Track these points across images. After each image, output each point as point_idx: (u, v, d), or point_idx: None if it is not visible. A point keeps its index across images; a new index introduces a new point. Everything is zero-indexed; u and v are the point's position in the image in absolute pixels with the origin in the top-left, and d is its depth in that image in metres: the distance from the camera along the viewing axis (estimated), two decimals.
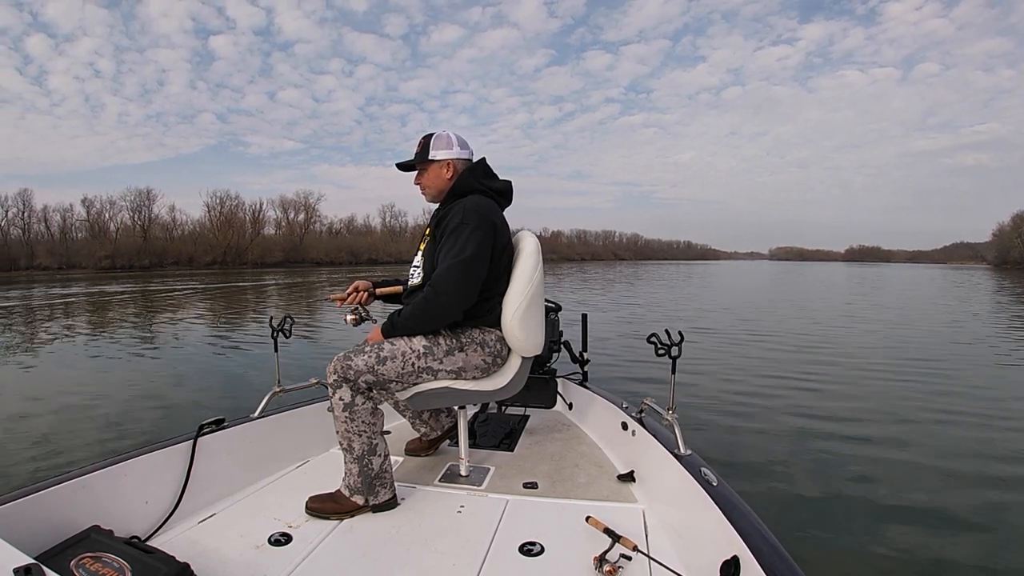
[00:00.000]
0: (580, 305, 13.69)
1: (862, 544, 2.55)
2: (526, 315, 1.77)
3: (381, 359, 1.70)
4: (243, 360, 7.07)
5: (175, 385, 5.67)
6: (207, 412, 1.95)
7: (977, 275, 46.97)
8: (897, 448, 3.81)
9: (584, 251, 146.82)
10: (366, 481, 1.71)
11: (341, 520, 1.67)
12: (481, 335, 1.79)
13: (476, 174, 1.84)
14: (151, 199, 64.69)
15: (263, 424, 2.03)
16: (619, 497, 1.81)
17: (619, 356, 7.04)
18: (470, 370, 1.79)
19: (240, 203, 71.25)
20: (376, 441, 1.74)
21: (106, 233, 60.91)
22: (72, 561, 1.22)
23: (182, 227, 68.23)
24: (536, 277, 1.80)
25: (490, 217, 1.74)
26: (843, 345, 8.43)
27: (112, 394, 5.22)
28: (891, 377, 6.14)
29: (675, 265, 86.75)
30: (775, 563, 1.11)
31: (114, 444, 3.78)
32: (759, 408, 4.74)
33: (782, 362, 6.92)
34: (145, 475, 1.61)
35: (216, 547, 1.51)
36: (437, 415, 2.21)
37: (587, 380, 2.73)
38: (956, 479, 3.30)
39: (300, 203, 78.33)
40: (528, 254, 1.82)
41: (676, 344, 1.72)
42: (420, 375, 1.75)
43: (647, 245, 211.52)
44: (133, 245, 58.75)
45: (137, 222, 63.48)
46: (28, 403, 4.94)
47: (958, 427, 4.31)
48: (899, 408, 4.82)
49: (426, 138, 1.87)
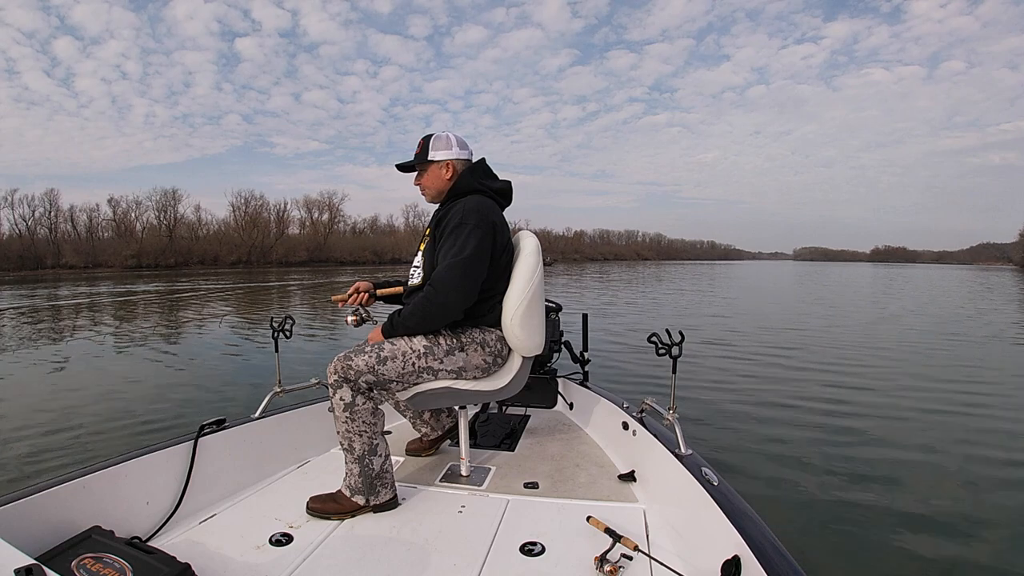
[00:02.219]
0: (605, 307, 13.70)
1: (863, 544, 2.55)
2: (526, 315, 1.77)
3: (382, 359, 1.69)
4: (244, 360, 7.07)
5: (176, 385, 5.66)
6: (208, 412, 1.95)
7: (1005, 277, 46.17)
8: (898, 448, 3.80)
9: (607, 251, 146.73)
10: (367, 481, 1.71)
11: (342, 520, 1.67)
12: (482, 335, 1.79)
13: (476, 174, 1.84)
14: (176, 199, 65.86)
15: (264, 424, 2.03)
16: (620, 497, 1.81)
17: (620, 356, 7.04)
18: (471, 370, 1.79)
19: (264, 203, 72.57)
20: (377, 441, 1.73)
21: (132, 232, 61.95)
22: (73, 561, 1.22)
23: (207, 227, 69.35)
24: (536, 277, 1.80)
25: (489, 217, 1.74)
26: (845, 345, 8.43)
27: (112, 394, 5.22)
28: (892, 378, 6.14)
29: (695, 265, 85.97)
30: (776, 563, 1.11)
31: (114, 444, 3.78)
32: (760, 408, 4.74)
33: (783, 362, 6.92)
34: (146, 475, 1.61)
35: (217, 547, 1.51)
36: (438, 415, 2.21)
37: (588, 380, 2.73)
38: (957, 479, 3.29)
39: (324, 203, 79.40)
40: (528, 254, 1.82)
41: (676, 344, 1.72)
42: (421, 375, 1.74)
43: (670, 245, 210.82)
44: (159, 244, 59.60)
45: (163, 221, 64.55)
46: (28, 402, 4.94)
47: (959, 426, 4.31)
48: (902, 409, 4.82)
49: (425, 139, 1.87)
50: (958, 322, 11.65)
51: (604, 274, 39.78)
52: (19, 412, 4.65)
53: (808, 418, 4.48)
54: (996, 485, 3.21)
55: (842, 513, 2.84)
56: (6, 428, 4.17)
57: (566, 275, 35.71)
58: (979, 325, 11.18)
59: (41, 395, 5.26)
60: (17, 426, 4.21)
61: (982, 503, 2.99)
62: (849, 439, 3.97)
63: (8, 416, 4.52)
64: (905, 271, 67.02)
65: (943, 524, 2.75)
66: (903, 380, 5.98)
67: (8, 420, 4.40)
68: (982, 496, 3.07)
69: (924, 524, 2.75)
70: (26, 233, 56.60)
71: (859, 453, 3.68)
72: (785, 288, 25.71)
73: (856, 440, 3.95)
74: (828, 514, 2.84)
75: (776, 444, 3.84)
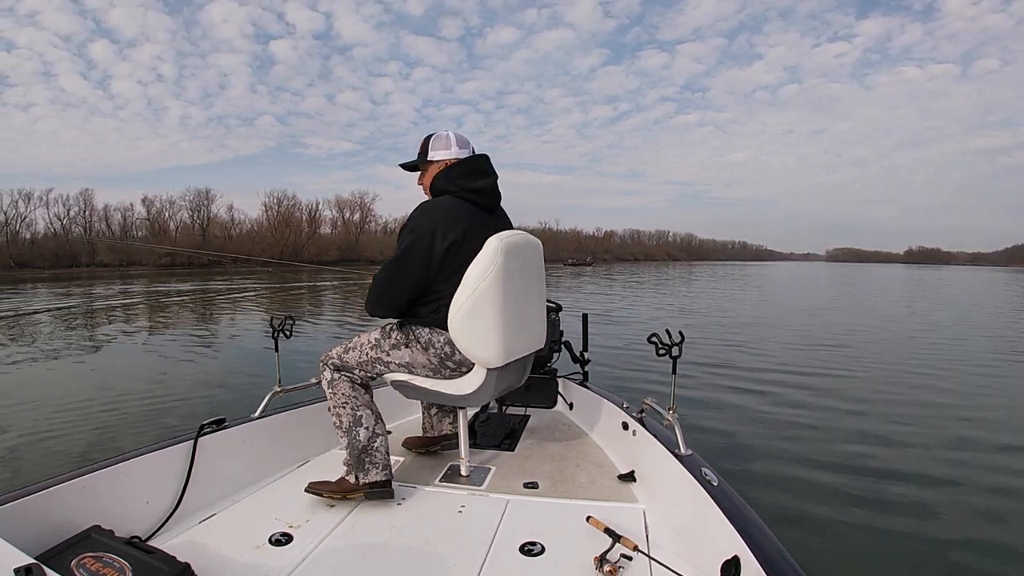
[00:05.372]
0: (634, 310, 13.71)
1: (863, 544, 2.55)
2: (468, 319, 1.67)
3: (347, 348, 1.88)
4: (244, 360, 7.08)
5: (176, 384, 5.67)
6: (208, 412, 1.96)
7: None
8: (899, 448, 3.81)
9: (637, 251, 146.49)
10: (354, 455, 1.77)
11: (344, 519, 1.67)
12: (429, 335, 1.78)
13: (451, 175, 1.80)
14: (210, 199, 67.19)
15: (264, 424, 2.03)
16: (620, 497, 1.81)
17: (620, 356, 7.04)
18: (419, 368, 1.82)
19: (297, 203, 73.57)
20: (361, 413, 1.82)
21: (166, 232, 62.97)
22: (73, 561, 1.22)
23: (240, 226, 70.62)
24: (487, 280, 1.65)
25: (432, 216, 1.71)
26: (847, 346, 8.43)
27: (113, 393, 5.22)
28: (895, 377, 6.14)
29: (725, 267, 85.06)
30: (776, 563, 1.11)
31: (113, 444, 3.78)
32: (760, 408, 4.74)
33: (783, 362, 6.92)
34: (146, 475, 1.61)
35: (217, 547, 1.51)
36: (441, 418, 2.23)
37: (588, 380, 2.73)
38: (959, 479, 3.29)
39: (356, 203, 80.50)
40: (482, 256, 1.68)
41: (676, 344, 1.72)
42: (374, 365, 1.86)
43: (701, 245, 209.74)
44: (192, 243, 60.26)
45: (196, 221, 65.72)
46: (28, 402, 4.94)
47: (961, 427, 4.31)
48: (904, 409, 4.82)
49: (426, 139, 1.88)
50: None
51: (635, 273, 38.76)
52: (19, 412, 4.65)
53: (810, 419, 4.48)
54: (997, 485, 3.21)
55: (842, 513, 2.85)
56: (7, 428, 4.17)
57: (593, 277, 35.21)
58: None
59: (41, 394, 5.27)
60: (17, 426, 4.21)
61: (983, 502, 2.99)
62: (849, 439, 3.98)
63: (8, 416, 4.52)
64: (940, 273, 66.61)
65: (943, 524, 2.75)
66: (906, 380, 5.98)
67: (8, 419, 4.40)
68: (984, 495, 3.07)
69: (924, 524, 2.75)
70: (60, 232, 57.46)
71: (860, 453, 3.68)
72: (817, 290, 25.31)
73: (856, 440, 3.95)
74: (828, 514, 2.84)
75: (776, 444, 3.84)
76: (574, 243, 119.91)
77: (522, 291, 1.79)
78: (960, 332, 10.17)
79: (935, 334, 9.82)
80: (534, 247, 1.90)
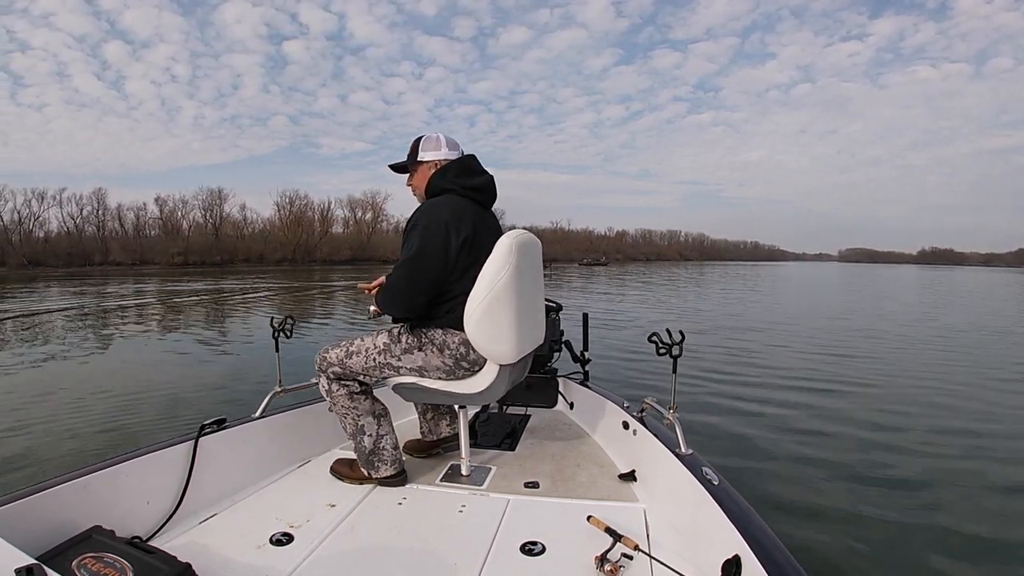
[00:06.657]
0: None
1: (864, 544, 2.55)
2: (485, 318, 1.67)
3: (349, 353, 1.83)
4: (244, 360, 7.08)
5: (176, 385, 5.67)
6: (208, 412, 1.96)
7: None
8: (900, 448, 3.80)
9: (649, 251, 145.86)
10: (363, 457, 1.86)
11: (345, 519, 1.68)
12: (443, 337, 1.77)
13: (447, 174, 1.81)
14: (222, 198, 67.20)
15: (264, 424, 2.03)
16: (620, 496, 1.81)
17: (620, 356, 7.03)
18: (431, 370, 1.80)
19: (309, 202, 73.58)
20: (363, 423, 1.85)
21: (178, 231, 63.03)
22: (73, 561, 1.22)
23: (252, 225, 70.58)
24: (502, 278, 1.66)
25: (442, 216, 1.71)
26: (849, 346, 8.42)
27: (113, 393, 5.22)
28: (897, 378, 6.14)
29: (736, 267, 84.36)
30: (777, 562, 1.11)
31: (113, 444, 3.78)
32: (760, 408, 4.74)
33: (784, 362, 6.92)
34: (146, 475, 1.61)
35: (218, 547, 1.51)
36: (439, 421, 2.22)
37: (588, 380, 2.73)
38: (959, 479, 3.29)
39: (368, 203, 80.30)
40: (497, 254, 1.70)
41: (677, 344, 1.72)
42: (383, 370, 1.83)
43: (713, 245, 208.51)
44: (205, 243, 60.61)
45: (209, 220, 65.70)
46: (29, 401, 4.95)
47: (962, 426, 4.31)
48: (905, 410, 4.81)
49: (416, 140, 1.89)
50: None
51: (646, 273, 38.20)
52: (19, 411, 4.65)
53: (810, 419, 4.47)
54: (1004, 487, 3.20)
55: (843, 513, 2.84)
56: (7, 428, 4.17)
57: (608, 277, 35.02)
58: None
59: (41, 394, 5.26)
60: (17, 425, 4.22)
61: (984, 502, 2.98)
62: (851, 439, 3.97)
63: (8, 415, 4.53)
64: (953, 274, 66.22)
65: (944, 524, 2.75)
66: (910, 382, 5.97)
67: (8, 419, 4.40)
68: (985, 496, 3.07)
69: (926, 524, 2.74)
70: (74, 231, 57.73)
71: (861, 453, 3.68)
72: (832, 290, 24.84)
73: (858, 440, 3.95)
74: (829, 514, 2.83)
75: (777, 444, 3.84)
76: (586, 243, 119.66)
77: (529, 288, 1.82)
78: (974, 338, 10.06)
79: (948, 340, 9.68)
80: (537, 245, 1.94)
